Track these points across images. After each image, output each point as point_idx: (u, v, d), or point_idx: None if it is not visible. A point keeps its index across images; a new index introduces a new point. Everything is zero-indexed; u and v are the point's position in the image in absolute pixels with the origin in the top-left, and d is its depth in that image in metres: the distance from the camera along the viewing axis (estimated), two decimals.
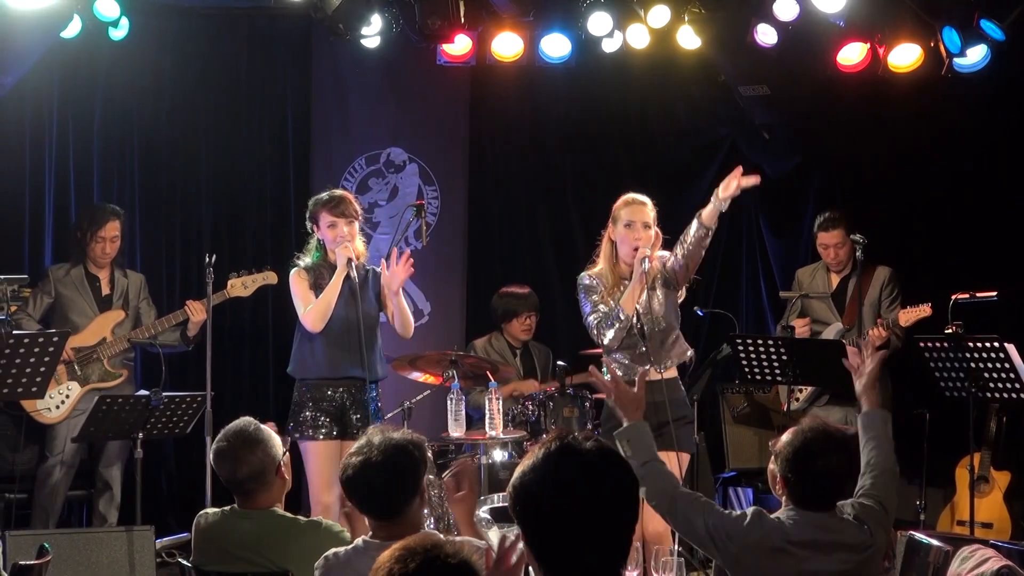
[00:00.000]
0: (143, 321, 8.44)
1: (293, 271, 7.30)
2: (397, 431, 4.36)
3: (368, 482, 4.21)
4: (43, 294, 8.31)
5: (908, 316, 8.16)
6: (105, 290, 8.45)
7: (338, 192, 7.37)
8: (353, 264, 7.12)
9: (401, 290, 7.18)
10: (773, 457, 4.51)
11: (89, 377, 8.20)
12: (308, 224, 7.33)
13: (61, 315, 8.29)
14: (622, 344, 6.85)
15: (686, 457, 6.84)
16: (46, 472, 8.19)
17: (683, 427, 6.83)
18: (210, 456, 7.27)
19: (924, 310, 8.10)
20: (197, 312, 8.17)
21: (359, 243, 7.28)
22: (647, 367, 6.65)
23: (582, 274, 7.06)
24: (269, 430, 4.94)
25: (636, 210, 6.89)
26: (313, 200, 7.35)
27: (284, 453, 4.95)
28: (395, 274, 7.10)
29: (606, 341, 6.89)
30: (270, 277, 8.34)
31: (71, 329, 7.97)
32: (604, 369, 6.66)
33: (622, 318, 6.76)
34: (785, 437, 4.48)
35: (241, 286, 8.20)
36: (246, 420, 4.94)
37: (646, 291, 6.75)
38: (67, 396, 8.13)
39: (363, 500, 4.28)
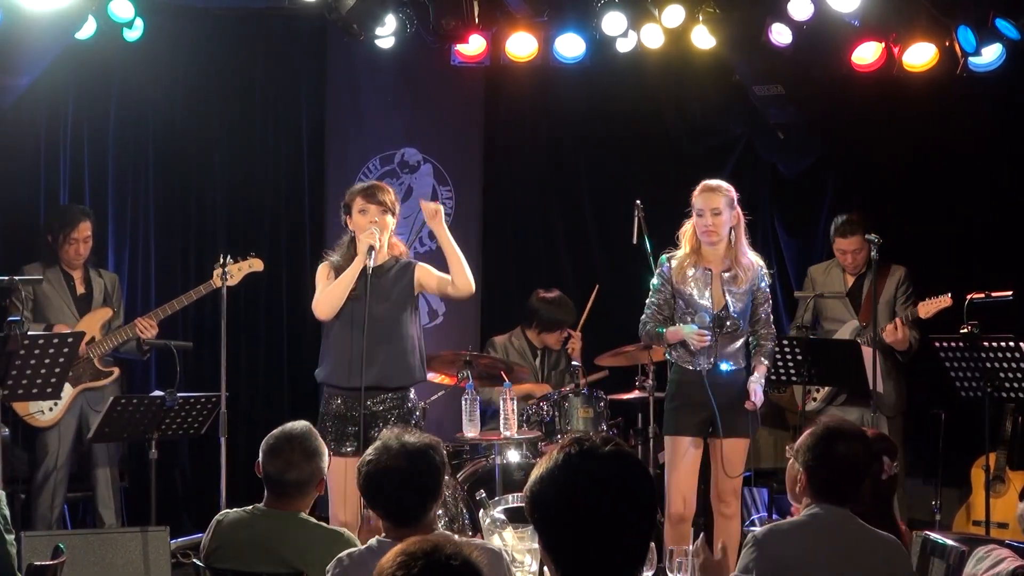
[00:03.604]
0: (113, 324, 8.37)
1: (322, 263, 6.87)
2: (412, 434, 4.33)
3: (387, 491, 4.19)
4: (24, 297, 8.17)
5: (928, 308, 8.08)
6: (80, 289, 8.34)
7: (376, 181, 7.14)
8: (374, 254, 6.59)
9: (449, 236, 6.72)
10: (793, 456, 4.52)
11: (81, 377, 8.11)
12: (342, 217, 6.87)
13: (38, 314, 8.20)
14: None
15: (743, 443, 7.12)
16: (43, 475, 8.14)
17: (740, 413, 7.04)
18: (223, 455, 7.40)
19: (944, 300, 8.01)
20: (147, 329, 8.09)
21: (395, 239, 6.90)
22: (710, 361, 7.03)
23: (663, 257, 7.24)
24: (323, 444, 4.93)
25: (705, 198, 7.08)
26: (348, 190, 6.91)
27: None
28: (434, 210, 6.74)
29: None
30: (255, 264, 8.15)
31: (48, 329, 7.91)
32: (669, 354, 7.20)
33: (661, 346, 7.27)
34: (806, 433, 4.52)
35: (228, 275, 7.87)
36: (306, 426, 4.92)
37: (726, 288, 7.05)
38: (59, 398, 7.94)
39: (382, 507, 4.25)
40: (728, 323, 7.01)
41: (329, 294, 6.66)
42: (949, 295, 7.98)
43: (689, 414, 7.07)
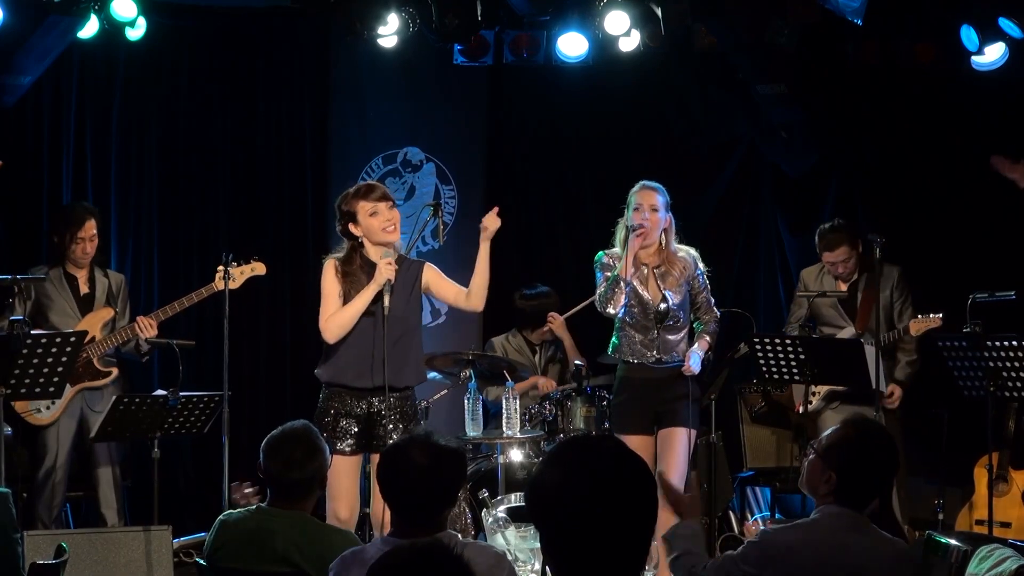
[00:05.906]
0: (118, 323, 8.32)
1: (328, 260, 6.67)
2: (441, 436, 4.28)
3: (407, 487, 4.13)
4: (25, 297, 8.15)
5: (919, 326, 8.05)
6: (84, 289, 8.27)
7: (367, 182, 7.02)
8: (390, 285, 6.42)
9: (488, 255, 6.66)
10: (819, 455, 4.43)
11: (80, 377, 8.07)
12: (338, 226, 6.66)
13: (41, 316, 8.12)
14: (637, 325, 7.12)
15: (682, 431, 7.07)
16: (43, 475, 8.12)
17: (682, 403, 7.07)
18: (226, 454, 7.40)
19: (934, 320, 8.00)
20: (147, 329, 7.99)
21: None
22: (652, 354, 7.11)
23: (600, 252, 7.35)
24: (323, 441, 4.91)
25: (644, 194, 7.23)
26: (341, 197, 6.68)
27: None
28: (493, 222, 6.69)
29: (611, 310, 7.13)
30: (258, 268, 8.05)
31: (51, 329, 7.88)
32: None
33: (622, 285, 7.04)
34: (836, 433, 4.42)
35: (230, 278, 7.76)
36: (305, 424, 4.91)
37: (660, 284, 7.13)
38: (60, 397, 7.80)
39: (399, 503, 4.18)
40: (669, 317, 7.11)
41: (340, 319, 6.49)
42: (940, 316, 7.96)
43: (635, 410, 7.11)
